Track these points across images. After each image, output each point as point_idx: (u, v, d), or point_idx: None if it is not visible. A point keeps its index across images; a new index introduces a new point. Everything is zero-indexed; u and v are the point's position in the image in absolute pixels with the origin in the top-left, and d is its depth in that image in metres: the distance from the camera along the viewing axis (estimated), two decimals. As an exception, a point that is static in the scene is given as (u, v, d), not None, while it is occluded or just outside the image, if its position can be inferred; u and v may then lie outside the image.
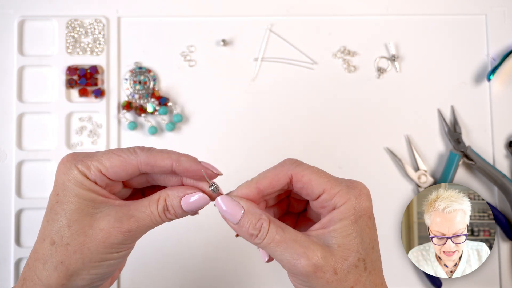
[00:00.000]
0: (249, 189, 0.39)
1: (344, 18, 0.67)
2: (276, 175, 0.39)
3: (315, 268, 0.36)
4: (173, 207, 0.39)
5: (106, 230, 0.38)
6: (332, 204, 0.38)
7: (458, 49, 0.67)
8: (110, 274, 0.40)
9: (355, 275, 0.37)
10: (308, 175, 0.38)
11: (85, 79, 0.65)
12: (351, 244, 0.37)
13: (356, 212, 0.38)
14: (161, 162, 0.38)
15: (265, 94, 0.66)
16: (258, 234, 0.38)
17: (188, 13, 0.67)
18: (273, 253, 0.37)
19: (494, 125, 0.66)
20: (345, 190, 0.38)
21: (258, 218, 0.38)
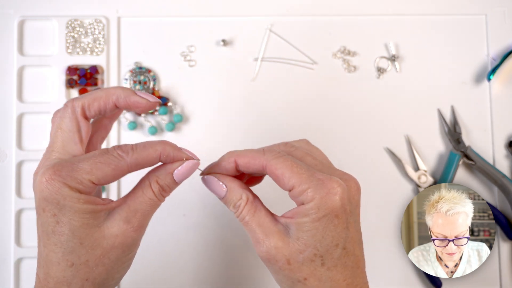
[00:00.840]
0: (227, 161, 0.43)
1: (344, 18, 0.67)
2: (253, 158, 0.42)
3: (269, 255, 0.40)
4: (168, 185, 0.41)
5: (120, 234, 0.39)
6: (300, 200, 0.40)
7: (458, 49, 0.67)
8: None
9: (309, 268, 0.39)
10: (281, 168, 0.40)
11: (85, 79, 0.65)
12: (309, 240, 0.39)
13: (320, 211, 0.39)
14: (149, 158, 0.40)
15: (265, 94, 0.66)
16: (236, 212, 0.42)
17: (188, 13, 0.67)
18: (245, 228, 0.42)
19: (494, 125, 0.66)
20: (313, 188, 0.39)
21: (238, 198, 0.42)
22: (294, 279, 0.40)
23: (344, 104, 0.66)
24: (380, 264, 0.65)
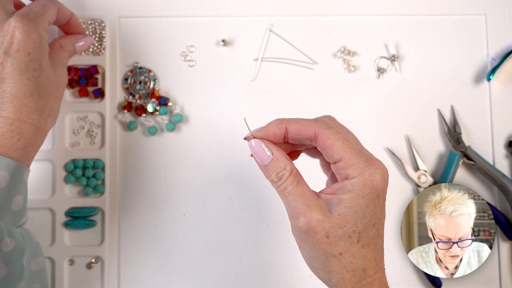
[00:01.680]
0: (278, 127, 0.43)
1: (344, 18, 0.68)
2: (305, 125, 0.42)
3: (308, 227, 0.40)
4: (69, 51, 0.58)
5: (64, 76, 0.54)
6: (346, 173, 0.40)
7: (458, 49, 0.67)
8: None
9: (346, 244, 0.40)
10: (332, 139, 0.41)
11: (85, 79, 0.65)
12: (350, 216, 0.40)
13: (366, 187, 0.40)
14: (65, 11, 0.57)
15: (265, 94, 0.66)
16: (278, 182, 0.42)
17: (188, 13, 0.67)
18: (283, 199, 0.42)
19: (494, 125, 0.66)
20: (362, 164, 0.40)
21: (283, 167, 0.42)
22: (330, 253, 0.40)
23: (344, 104, 0.66)
24: (380, 264, 0.65)
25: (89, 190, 0.63)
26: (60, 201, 0.63)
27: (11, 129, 0.46)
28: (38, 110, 0.47)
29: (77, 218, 0.63)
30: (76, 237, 0.64)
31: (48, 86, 0.48)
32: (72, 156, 0.64)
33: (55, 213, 0.63)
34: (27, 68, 0.47)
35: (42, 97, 0.47)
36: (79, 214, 0.63)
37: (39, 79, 0.47)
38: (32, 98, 0.47)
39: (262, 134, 0.44)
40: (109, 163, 0.64)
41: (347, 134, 0.43)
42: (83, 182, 0.63)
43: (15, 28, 0.48)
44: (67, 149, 0.64)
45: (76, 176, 0.63)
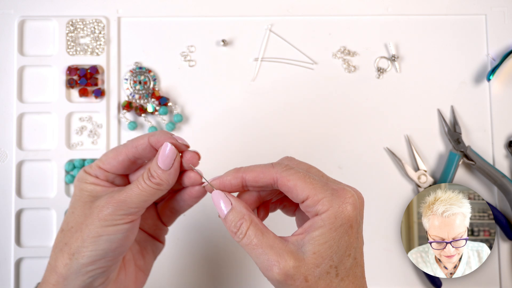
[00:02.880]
0: (234, 176, 0.42)
1: (344, 18, 0.68)
2: (263, 172, 0.41)
3: (286, 277, 0.38)
4: (154, 170, 0.43)
5: (100, 206, 0.43)
6: (315, 210, 0.39)
7: (458, 49, 0.67)
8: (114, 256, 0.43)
9: (325, 281, 0.39)
10: (293, 180, 0.40)
11: (85, 79, 0.65)
12: (325, 251, 0.38)
13: (337, 220, 0.39)
14: (140, 140, 0.44)
15: (265, 94, 0.66)
16: (237, 233, 0.40)
17: (188, 13, 0.67)
18: (250, 254, 0.40)
19: (494, 125, 0.66)
20: (329, 198, 0.39)
21: (240, 217, 0.40)
22: None
23: (344, 104, 0.66)
24: (380, 264, 0.65)
25: (89, 190, 0.63)
26: (60, 201, 0.63)
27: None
28: (55, 246, 0.44)
29: (77, 218, 0.63)
30: (76, 237, 0.64)
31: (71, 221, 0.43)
32: (71, 156, 0.64)
33: (55, 213, 0.63)
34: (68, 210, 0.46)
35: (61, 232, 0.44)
36: (79, 214, 0.63)
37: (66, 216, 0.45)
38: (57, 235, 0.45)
39: (218, 183, 0.42)
40: (109, 163, 0.64)
41: (309, 170, 0.42)
42: (83, 182, 0.63)
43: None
44: (67, 149, 0.64)
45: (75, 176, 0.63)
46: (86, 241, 0.42)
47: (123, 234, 0.43)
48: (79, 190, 0.44)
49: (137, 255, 0.48)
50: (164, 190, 0.43)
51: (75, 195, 0.45)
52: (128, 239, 0.43)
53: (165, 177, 0.43)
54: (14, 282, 0.62)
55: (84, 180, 0.45)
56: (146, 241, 0.49)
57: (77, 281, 0.42)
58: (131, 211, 0.42)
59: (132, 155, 0.44)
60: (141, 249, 0.48)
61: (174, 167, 0.43)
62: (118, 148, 0.45)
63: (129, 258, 0.47)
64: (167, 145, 0.43)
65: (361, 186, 0.65)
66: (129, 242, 0.44)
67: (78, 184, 0.45)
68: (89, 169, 0.45)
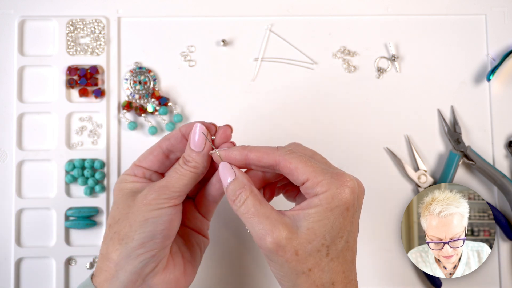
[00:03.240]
0: (239, 152, 0.44)
1: (344, 18, 0.68)
2: (266, 153, 0.43)
3: (277, 247, 0.40)
4: (188, 155, 0.46)
5: (143, 194, 0.45)
6: (314, 191, 0.41)
7: (458, 49, 0.67)
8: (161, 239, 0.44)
9: (315, 259, 0.40)
10: (295, 163, 0.41)
11: (85, 79, 0.65)
12: (319, 229, 0.40)
13: (333, 201, 0.40)
14: (173, 134, 0.47)
15: (265, 94, 0.66)
16: (236, 201, 0.42)
17: (188, 13, 0.67)
18: (246, 222, 0.41)
19: (494, 125, 0.66)
20: (328, 180, 0.40)
21: (240, 187, 0.42)
22: (299, 270, 0.40)
23: (344, 104, 0.66)
24: (380, 264, 0.65)
25: (89, 190, 0.63)
26: (60, 201, 0.63)
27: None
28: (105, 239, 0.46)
29: (77, 218, 0.63)
30: (76, 237, 0.64)
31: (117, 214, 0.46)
32: (71, 156, 0.64)
33: (55, 213, 0.63)
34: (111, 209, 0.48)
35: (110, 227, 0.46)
36: (79, 214, 0.63)
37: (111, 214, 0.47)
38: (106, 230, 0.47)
39: (225, 154, 0.45)
40: (109, 163, 0.64)
41: (313, 156, 0.44)
42: (82, 182, 0.63)
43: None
44: (67, 149, 0.64)
45: (75, 176, 0.63)
46: (133, 226, 0.44)
47: (168, 217, 0.44)
48: (120, 190, 0.47)
49: (183, 248, 0.49)
50: (200, 173, 0.46)
51: (116, 195, 0.47)
52: (173, 222, 0.45)
53: (200, 159, 0.45)
54: (14, 282, 0.62)
55: (123, 180, 0.47)
56: (190, 235, 0.50)
57: (129, 266, 0.44)
58: (173, 195, 0.45)
59: (165, 148, 0.48)
60: (185, 243, 0.50)
61: (206, 148, 0.46)
62: (152, 145, 0.49)
63: (175, 250, 0.48)
64: (196, 127, 0.46)
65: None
66: (174, 227, 0.45)
67: (118, 186, 0.47)
68: (127, 170, 0.48)
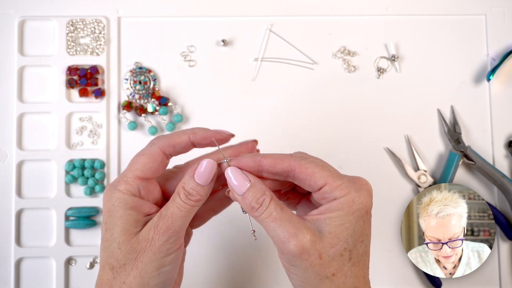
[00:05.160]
0: (252, 160, 0.41)
1: (344, 18, 0.68)
2: (281, 158, 0.41)
3: (302, 250, 0.38)
4: (192, 188, 0.41)
5: (149, 239, 0.40)
6: (333, 196, 0.40)
7: (458, 49, 0.67)
8: (170, 281, 0.42)
9: (338, 263, 0.39)
10: (312, 167, 0.41)
11: (85, 79, 0.65)
12: (341, 233, 0.39)
13: (355, 204, 0.39)
14: (179, 139, 0.42)
15: (265, 94, 0.66)
16: (259, 208, 0.40)
17: (188, 13, 0.67)
18: (268, 228, 0.40)
19: (494, 125, 0.66)
20: (347, 184, 0.40)
21: (262, 193, 0.40)
22: (323, 275, 0.39)
23: (344, 104, 0.66)
24: (380, 264, 0.65)
25: (89, 190, 0.63)
26: (60, 201, 0.63)
27: None
28: (108, 283, 0.41)
29: (77, 218, 0.63)
30: (76, 237, 0.64)
31: (121, 257, 0.40)
32: (71, 156, 0.64)
33: (55, 213, 0.63)
34: (103, 238, 0.42)
35: (112, 270, 0.41)
36: (79, 214, 0.63)
37: (109, 249, 0.41)
38: (103, 271, 0.42)
39: (235, 164, 0.41)
40: (109, 163, 0.64)
41: (322, 162, 0.43)
42: (82, 182, 0.63)
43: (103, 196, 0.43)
44: (67, 149, 0.64)
45: (75, 176, 0.63)
46: (146, 278, 0.41)
47: (178, 259, 0.42)
48: (120, 218, 0.41)
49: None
50: (203, 201, 0.42)
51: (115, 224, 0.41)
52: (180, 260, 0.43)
53: (204, 191, 0.41)
54: (14, 282, 0.62)
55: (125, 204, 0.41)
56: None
57: None
58: (180, 235, 0.41)
59: (168, 153, 0.43)
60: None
61: (212, 181, 0.42)
62: (150, 150, 0.42)
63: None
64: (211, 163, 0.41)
65: (361, 186, 0.65)
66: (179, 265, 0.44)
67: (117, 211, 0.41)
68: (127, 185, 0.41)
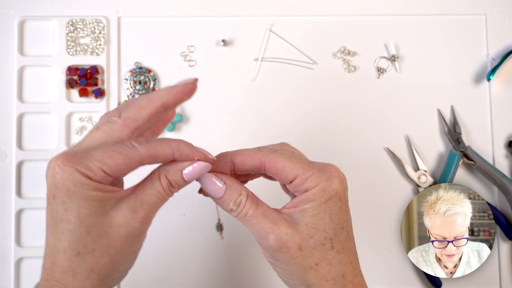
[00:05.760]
0: (223, 161, 0.42)
1: (344, 18, 0.68)
2: (250, 155, 0.41)
3: (281, 243, 0.39)
4: (176, 182, 0.40)
5: (126, 224, 0.38)
6: (304, 187, 0.40)
7: (458, 49, 0.67)
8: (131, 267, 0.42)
9: (320, 253, 0.40)
10: (281, 161, 0.41)
11: (85, 79, 0.65)
12: (318, 223, 0.39)
13: (326, 193, 0.40)
14: (163, 152, 0.38)
15: (265, 94, 0.66)
16: (237, 209, 0.40)
17: (188, 13, 0.67)
18: (246, 225, 0.41)
19: (494, 125, 0.66)
20: (317, 174, 0.40)
21: (238, 194, 0.40)
22: (306, 266, 0.40)
23: (344, 104, 0.66)
24: (380, 264, 0.65)
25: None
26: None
27: (46, 285, 0.39)
28: (71, 270, 0.38)
29: (77, 218, 0.63)
30: (76, 237, 0.64)
31: (89, 242, 0.37)
32: (72, 156, 0.64)
33: (55, 213, 0.63)
34: (61, 219, 0.37)
35: (78, 256, 0.38)
36: (79, 214, 0.63)
37: (73, 233, 0.37)
38: (65, 256, 0.38)
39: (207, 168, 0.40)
40: (109, 163, 0.64)
41: (294, 151, 0.43)
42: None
43: (54, 169, 0.37)
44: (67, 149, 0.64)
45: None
46: (116, 265, 0.39)
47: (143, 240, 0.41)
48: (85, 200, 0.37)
49: None
50: None
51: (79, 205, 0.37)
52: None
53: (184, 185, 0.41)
54: (14, 282, 0.62)
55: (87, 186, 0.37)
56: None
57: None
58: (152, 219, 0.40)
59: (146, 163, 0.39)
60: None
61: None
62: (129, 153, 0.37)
63: None
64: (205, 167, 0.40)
65: (361, 186, 0.65)
66: None
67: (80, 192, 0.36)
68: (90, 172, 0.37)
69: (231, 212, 0.41)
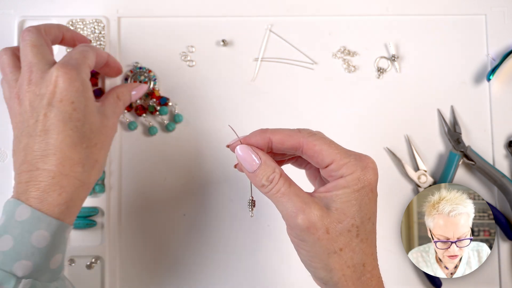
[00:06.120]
0: (261, 137, 0.42)
1: (344, 18, 0.68)
2: (289, 135, 0.42)
3: (310, 224, 0.40)
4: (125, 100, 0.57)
5: (113, 127, 0.51)
6: (339, 174, 0.41)
7: (458, 49, 0.67)
8: None
9: (346, 239, 0.40)
10: (319, 145, 0.41)
11: (85, 79, 0.65)
12: (348, 210, 0.40)
13: (360, 182, 0.41)
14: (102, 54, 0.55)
15: (265, 94, 0.66)
16: (269, 185, 0.41)
17: (188, 13, 0.67)
18: (277, 202, 0.41)
19: (494, 125, 0.66)
20: (353, 162, 0.41)
21: (272, 171, 0.41)
22: (331, 249, 0.40)
23: (344, 104, 0.66)
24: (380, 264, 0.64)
25: (89, 190, 0.63)
26: (60, 201, 0.63)
27: (52, 182, 0.44)
28: (81, 162, 0.45)
29: (77, 218, 0.63)
30: (76, 237, 0.64)
31: (93, 136, 0.45)
32: (72, 156, 0.64)
33: (55, 213, 0.63)
34: (70, 118, 0.45)
35: (86, 148, 0.45)
36: (79, 214, 0.63)
37: (82, 129, 0.45)
38: (76, 150, 0.45)
39: (245, 141, 0.43)
40: (109, 163, 0.64)
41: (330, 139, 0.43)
42: (83, 182, 0.63)
43: (58, 78, 0.46)
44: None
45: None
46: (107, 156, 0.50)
47: None
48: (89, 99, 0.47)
49: None
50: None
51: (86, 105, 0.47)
52: None
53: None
54: (14, 282, 0.62)
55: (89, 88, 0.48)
56: None
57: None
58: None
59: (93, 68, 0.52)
60: None
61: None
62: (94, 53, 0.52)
63: None
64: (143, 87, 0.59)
65: (361, 186, 0.65)
66: None
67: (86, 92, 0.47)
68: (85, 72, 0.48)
69: (262, 188, 0.41)
